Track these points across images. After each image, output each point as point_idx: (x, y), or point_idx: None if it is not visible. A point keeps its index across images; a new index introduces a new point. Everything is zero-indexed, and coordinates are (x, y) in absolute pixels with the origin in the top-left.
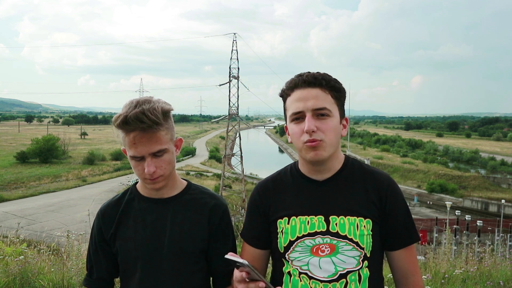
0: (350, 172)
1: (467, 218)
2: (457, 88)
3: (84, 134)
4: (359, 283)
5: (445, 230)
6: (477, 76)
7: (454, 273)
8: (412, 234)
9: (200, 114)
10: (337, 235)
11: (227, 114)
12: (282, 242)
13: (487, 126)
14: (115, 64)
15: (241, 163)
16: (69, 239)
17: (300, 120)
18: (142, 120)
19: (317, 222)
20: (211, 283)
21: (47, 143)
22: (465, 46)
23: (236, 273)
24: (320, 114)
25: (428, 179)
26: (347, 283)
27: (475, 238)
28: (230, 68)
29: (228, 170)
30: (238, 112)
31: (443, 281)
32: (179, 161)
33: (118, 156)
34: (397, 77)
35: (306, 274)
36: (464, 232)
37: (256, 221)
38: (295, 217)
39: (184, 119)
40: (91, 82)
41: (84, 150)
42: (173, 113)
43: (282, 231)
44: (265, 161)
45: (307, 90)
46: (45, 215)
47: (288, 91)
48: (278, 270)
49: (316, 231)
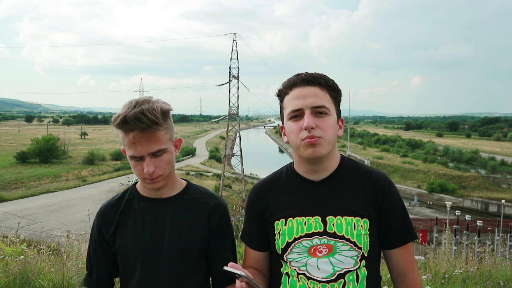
0: (347, 172)
1: (467, 218)
2: (457, 88)
3: (84, 134)
4: (357, 283)
5: (445, 230)
6: (477, 76)
7: (454, 273)
8: (409, 233)
9: (200, 114)
10: (334, 235)
11: (227, 114)
12: (279, 243)
13: (487, 126)
14: (115, 64)
15: (241, 163)
16: (69, 239)
17: (298, 118)
18: (141, 120)
19: (314, 223)
20: (210, 283)
21: (47, 143)
22: (465, 46)
23: (237, 284)
24: (318, 112)
25: (428, 179)
26: (345, 283)
27: (475, 238)
28: (230, 68)
29: (228, 170)
30: (238, 112)
31: (443, 281)
32: (179, 161)
33: (118, 156)
34: (397, 77)
35: (304, 274)
36: (464, 232)
37: (254, 224)
38: (292, 218)
39: (184, 119)
40: (91, 82)
41: (84, 150)
42: (173, 113)
43: (279, 232)
44: (265, 161)
45: (306, 88)
46: (45, 215)
47: (286, 89)
48: (276, 271)
49: (313, 232)
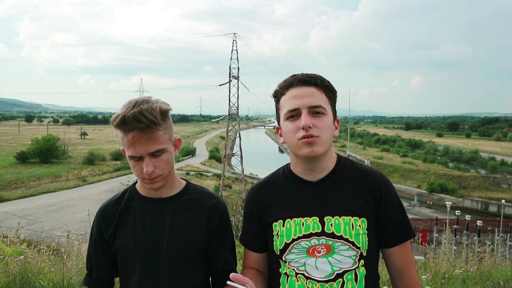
0: (343, 172)
1: (467, 218)
2: (457, 88)
3: (84, 134)
4: (356, 282)
5: (445, 230)
6: (477, 76)
7: (454, 273)
8: (407, 231)
9: (200, 114)
10: (332, 235)
11: (227, 114)
12: (278, 244)
13: (487, 126)
14: (115, 64)
15: (241, 163)
16: (69, 239)
17: (295, 118)
18: (140, 120)
19: (312, 224)
20: (210, 283)
21: (47, 143)
22: (465, 46)
23: None
24: (315, 112)
25: (428, 179)
26: (344, 282)
27: (475, 238)
28: (230, 68)
29: (228, 170)
30: (238, 112)
31: (443, 281)
32: (179, 161)
33: (118, 156)
34: (397, 77)
35: (303, 274)
36: (464, 232)
37: (252, 226)
38: (290, 219)
39: (184, 119)
40: (91, 82)
41: (84, 150)
42: (173, 113)
43: (277, 233)
44: (265, 161)
45: (303, 88)
46: (45, 215)
47: (283, 90)
48: (275, 271)
49: (311, 233)
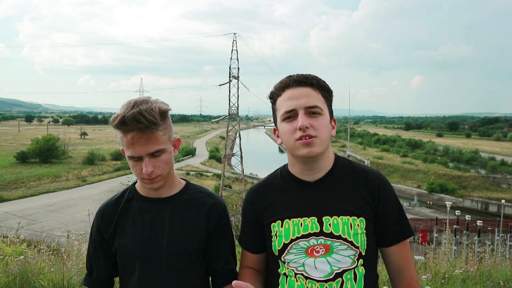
0: (341, 172)
1: (467, 218)
2: (457, 88)
3: (84, 134)
4: (355, 282)
5: (445, 230)
6: (477, 76)
7: (454, 273)
8: (405, 230)
9: (200, 114)
10: (331, 235)
11: (227, 114)
12: (276, 245)
13: (487, 126)
14: (115, 64)
15: (241, 163)
16: (69, 239)
17: (292, 119)
18: (139, 121)
19: (310, 224)
20: (210, 283)
21: (47, 143)
22: (465, 46)
23: None
24: (312, 112)
25: (428, 179)
26: (343, 282)
27: (475, 238)
28: (230, 68)
29: (228, 170)
30: (238, 112)
31: (443, 281)
32: (179, 161)
33: (118, 156)
34: (397, 77)
35: (302, 274)
36: (464, 232)
37: (251, 227)
38: (288, 219)
39: (184, 119)
40: (91, 82)
41: (84, 150)
42: (173, 113)
43: (276, 234)
44: (265, 161)
45: (299, 89)
46: (45, 215)
47: (279, 91)
48: (273, 272)
49: (309, 233)
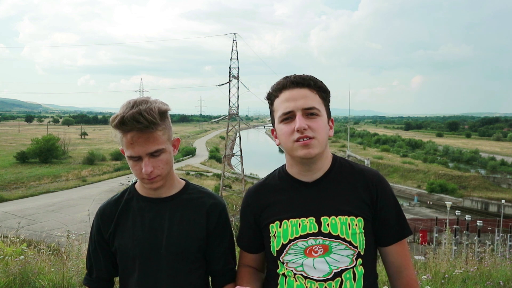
0: (339, 172)
1: (467, 218)
2: (457, 88)
3: (84, 134)
4: (354, 281)
5: (445, 230)
6: (477, 76)
7: (454, 273)
8: (404, 229)
9: (200, 114)
10: (329, 235)
11: (227, 114)
12: (274, 246)
13: (487, 126)
14: (115, 64)
15: (241, 163)
16: (69, 239)
17: (290, 120)
18: (138, 121)
19: (308, 224)
20: (209, 282)
21: (47, 143)
22: (465, 46)
23: None
24: (309, 113)
25: (428, 179)
26: (342, 281)
27: (475, 238)
28: (230, 68)
29: (228, 170)
30: (238, 112)
31: (443, 281)
32: (179, 161)
33: (118, 156)
34: (397, 77)
35: (301, 274)
36: (464, 232)
37: (249, 229)
38: (286, 220)
39: (184, 119)
40: (91, 82)
41: (84, 150)
42: (173, 113)
43: (274, 235)
44: (265, 161)
45: (296, 90)
46: (45, 215)
47: (276, 92)
48: (272, 272)
49: (308, 233)
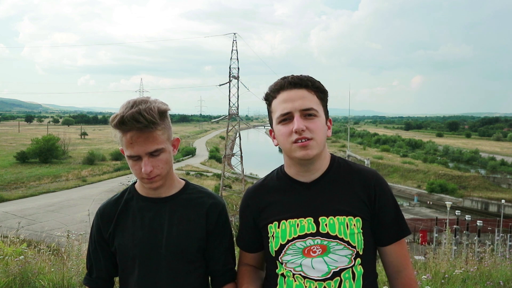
0: (337, 172)
1: (467, 218)
2: (457, 88)
3: (84, 134)
4: (353, 281)
5: (445, 230)
6: (477, 76)
7: (454, 273)
8: (402, 229)
9: (200, 114)
10: (327, 235)
11: (227, 114)
12: (273, 246)
13: (487, 126)
14: (115, 64)
15: (241, 163)
16: (69, 239)
17: (288, 121)
18: (138, 120)
19: (306, 224)
20: (209, 282)
21: (47, 143)
22: (465, 46)
23: None
24: (307, 114)
25: (428, 179)
26: (341, 280)
27: (475, 238)
28: (230, 68)
29: (228, 170)
30: (238, 112)
31: (443, 281)
32: (179, 161)
33: (118, 156)
34: (397, 77)
35: (300, 274)
36: (464, 232)
37: (248, 228)
38: (285, 220)
39: (184, 119)
40: (91, 82)
41: (84, 150)
42: (173, 113)
43: (273, 235)
44: (265, 161)
45: (294, 91)
46: (45, 215)
47: (274, 93)
48: (271, 272)
49: (306, 233)
